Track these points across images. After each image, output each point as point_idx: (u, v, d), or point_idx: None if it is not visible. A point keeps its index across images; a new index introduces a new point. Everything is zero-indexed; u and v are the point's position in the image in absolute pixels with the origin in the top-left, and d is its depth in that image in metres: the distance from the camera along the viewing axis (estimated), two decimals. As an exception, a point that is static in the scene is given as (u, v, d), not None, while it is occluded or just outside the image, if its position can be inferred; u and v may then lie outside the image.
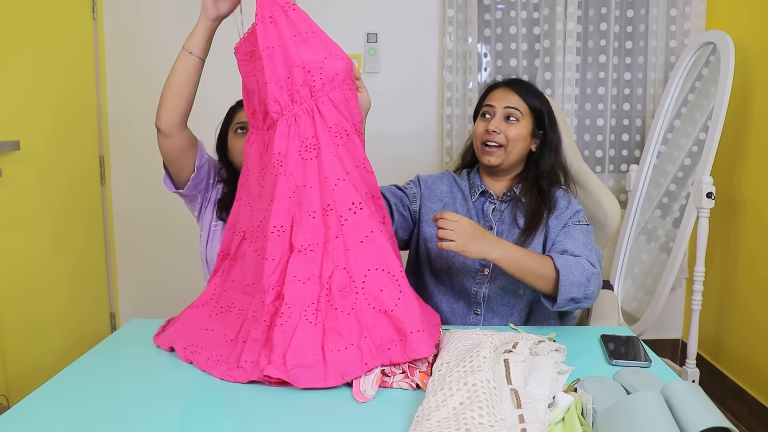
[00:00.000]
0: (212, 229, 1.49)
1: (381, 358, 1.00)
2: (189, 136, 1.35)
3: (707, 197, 2.05)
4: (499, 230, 1.42)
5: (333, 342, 1.01)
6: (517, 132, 1.40)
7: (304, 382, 0.96)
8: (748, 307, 2.18)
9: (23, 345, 1.90)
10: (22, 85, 1.91)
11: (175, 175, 1.41)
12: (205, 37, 1.24)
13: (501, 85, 1.46)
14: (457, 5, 2.38)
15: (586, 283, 1.23)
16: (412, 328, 1.02)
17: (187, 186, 1.41)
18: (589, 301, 1.25)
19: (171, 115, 1.28)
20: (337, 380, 0.97)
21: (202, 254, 1.51)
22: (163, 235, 2.50)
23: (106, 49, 2.40)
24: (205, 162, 1.43)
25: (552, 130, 1.45)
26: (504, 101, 1.42)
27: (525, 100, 1.42)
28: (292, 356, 0.98)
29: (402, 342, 1.01)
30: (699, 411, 0.74)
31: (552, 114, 1.47)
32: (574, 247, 1.30)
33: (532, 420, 0.76)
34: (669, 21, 2.42)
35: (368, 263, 1.07)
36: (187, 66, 1.24)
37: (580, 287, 1.22)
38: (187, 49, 1.24)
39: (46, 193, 2.04)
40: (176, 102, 1.27)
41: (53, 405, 0.91)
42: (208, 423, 0.87)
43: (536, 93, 1.45)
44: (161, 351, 1.13)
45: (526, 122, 1.41)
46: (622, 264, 2.41)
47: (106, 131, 2.44)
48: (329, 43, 1.14)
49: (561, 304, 1.23)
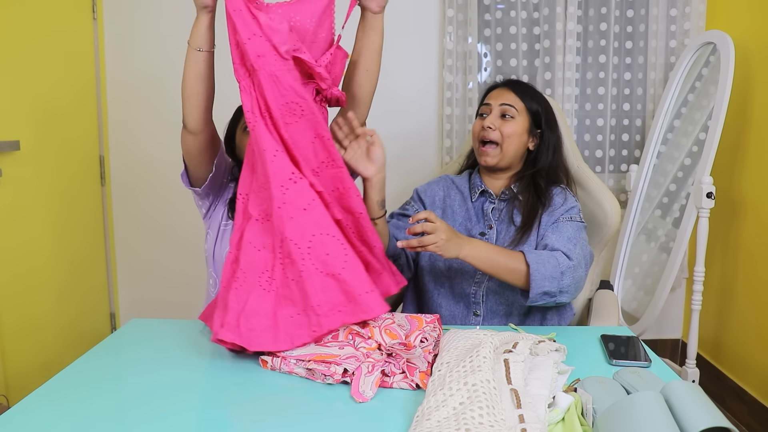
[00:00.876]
0: (222, 229, 1.48)
1: (331, 322, 1.03)
2: (213, 131, 1.35)
3: (707, 197, 2.05)
4: (498, 229, 1.42)
5: (285, 308, 1.05)
6: (512, 129, 1.41)
7: (256, 345, 1.01)
8: (748, 307, 2.18)
9: (23, 345, 1.90)
10: (22, 85, 1.91)
11: (193, 171, 1.40)
12: (209, 29, 1.21)
13: (499, 86, 1.49)
14: (457, 5, 2.38)
15: (560, 276, 1.24)
16: (360, 290, 1.05)
17: (205, 185, 1.41)
18: (565, 295, 1.26)
19: (193, 113, 1.27)
20: (287, 345, 1.01)
21: (209, 253, 1.50)
22: (163, 235, 2.50)
23: (106, 49, 2.40)
24: (223, 160, 1.43)
25: (550, 130, 1.47)
26: (500, 99, 1.44)
27: (521, 98, 1.44)
28: (245, 320, 1.03)
29: (352, 304, 1.05)
30: (699, 411, 0.74)
31: (551, 114, 1.48)
32: (556, 242, 1.31)
33: (532, 420, 0.76)
34: (669, 21, 2.42)
35: (312, 229, 1.09)
36: (197, 63, 1.22)
37: (553, 281, 1.23)
38: (193, 47, 1.21)
39: (46, 193, 2.04)
40: (196, 101, 1.26)
41: (53, 405, 0.91)
42: (208, 422, 0.87)
43: (533, 92, 1.47)
44: (162, 351, 1.13)
45: (521, 119, 1.43)
46: (622, 264, 2.41)
47: (106, 131, 2.44)
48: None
49: (534, 299, 1.25)
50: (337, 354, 1.01)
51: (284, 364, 1.03)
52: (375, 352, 1.01)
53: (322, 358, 1.00)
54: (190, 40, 1.21)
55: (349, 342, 1.04)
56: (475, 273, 1.41)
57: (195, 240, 2.42)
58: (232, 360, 1.09)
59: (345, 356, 1.00)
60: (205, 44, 1.21)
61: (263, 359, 1.05)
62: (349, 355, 1.01)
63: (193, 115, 1.27)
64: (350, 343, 1.04)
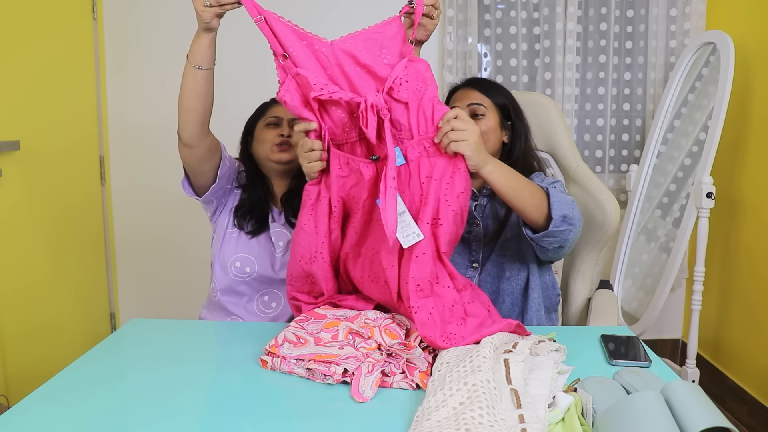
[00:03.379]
0: (227, 236, 1.47)
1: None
2: (211, 143, 1.32)
3: (707, 197, 2.05)
4: (485, 224, 1.43)
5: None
6: (486, 126, 1.41)
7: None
8: (748, 307, 2.18)
9: (23, 344, 1.90)
10: (22, 85, 1.91)
11: (194, 180, 1.39)
12: (210, 47, 1.17)
13: (461, 87, 1.48)
14: (457, 5, 2.38)
15: (571, 204, 1.24)
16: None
17: (206, 194, 1.40)
18: (576, 228, 1.24)
19: (188, 127, 1.25)
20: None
21: (214, 255, 1.50)
22: (163, 235, 2.50)
23: (106, 49, 2.40)
24: (227, 170, 1.41)
25: (519, 120, 1.47)
26: (467, 99, 1.43)
27: (486, 94, 1.44)
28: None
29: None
30: (699, 411, 0.74)
31: (516, 105, 1.48)
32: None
33: (532, 420, 0.76)
34: (669, 21, 2.42)
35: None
36: (196, 81, 1.18)
37: (570, 206, 1.23)
38: (192, 64, 1.17)
39: (46, 193, 2.04)
40: (192, 116, 1.23)
41: (53, 405, 0.91)
42: (208, 422, 0.87)
43: (496, 86, 1.47)
44: (162, 351, 1.13)
45: (492, 115, 1.42)
46: (622, 264, 2.41)
47: (106, 131, 2.44)
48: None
49: (556, 222, 1.19)
50: (337, 354, 1.01)
51: (284, 364, 1.03)
52: (375, 352, 1.01)
53: (322, 358, 1.00)
54: (189, 56, 1.17)
55: (349, 342, 1.04)
56: (467, 269, 1.41)
57: (195, 240, 2.42)
58: (232, 360, 1.09)
59: (345, 356, 1.00)
60: (205, 62, 1.17)
61: (263, 359, 1.05)
62: (349, 355, 1.00)
63: (188, 129, 1.26)
64: (350, 343, 1.03)
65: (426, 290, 1.06)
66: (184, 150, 1.30)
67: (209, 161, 1.35)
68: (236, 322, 1.46)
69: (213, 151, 1.35)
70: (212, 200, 1.45)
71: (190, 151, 1.30)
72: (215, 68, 1.22)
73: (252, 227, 1.46)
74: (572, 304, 1.58)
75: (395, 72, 1.09)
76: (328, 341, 1.05)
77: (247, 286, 1.47)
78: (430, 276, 1.06)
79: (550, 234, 1.22)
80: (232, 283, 1.46)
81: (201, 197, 1.42)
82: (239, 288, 1.47)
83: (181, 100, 1.22)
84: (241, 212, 1.46)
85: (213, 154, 1.35)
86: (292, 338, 1.07)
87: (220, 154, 1.38)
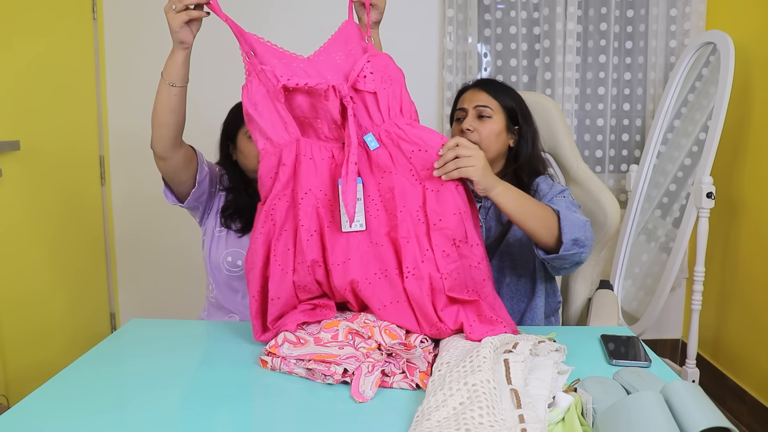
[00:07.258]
0: (216, 235, 1.48)
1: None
2: (185, 153, 1.33)
3: (707, 197, 2.05)
4: (488, 227, 1.42)
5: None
6: (490, 128, 1.40)
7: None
8: (748, 307, 2.18)
9: (23, 344, 1.90)
10: (22, 85, 1.91)
11: (175, 188, 1.40)
12: (184, 65, 1.18)
13: (470, 88, 1.48)
14: (457, 5, 2.38)
15: (584, 225, 1.22)
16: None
17: (188, 200, 1.41)
18: (588, 249, 1.22)
19: (162, 141, 1.26)
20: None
21: (206, 258, 1.50)
22: (163, 235, 2.50)
23: (106, 49, 2.40)
24: (206, 174, 1.41)
25: (526, 124, 1.46)
26: (474, 101, 1.43)
27: (494, 97, 1.43)
28: None
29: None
30: (699, 411, 0.74)
31: (525, 108, 1.47)
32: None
33: (532, 420, 0.76)
34: (669, 21, 2.42)
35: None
36: (170, 97, 1.20)
37: (581, 228, 1.20)
38: (167, 81, 1.18)
39: (46, 193, 2.04)
40: (165, 131, 1.24)
41: (53, 405, 0.91)
42: (208, 422, 0.87)
43: (505, 89, 1.46)
44: (162, 351, 1.13)
45: (498, 118, 1.42)
46: (622, 264, 2.41)
47: (106, 131, 2.44)
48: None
49: (566, 246, 1.18)
50: (337, 354, 1.01)
51: (284, 364, 1.03)
52: (375, 352, 1.01)
53: (322, 358, 1.00)
54: (163, 73, 1.19)
55: (349, 342, 1.04)
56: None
57: (195, 240, 2.41)
58: (232, 360, 1.09)
59: (345, 356, 1.00)
60: (179, 80, 1.18)
61: (263, 359, 1.05)
62: (349, 355, 1.00)
63: (162, 142, 1.26)
64: (350, 343, 1.04)
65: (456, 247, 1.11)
66: (160, 162, 1.31)
67: (186, 170, 1.36)
68: (236, 321, 1.46)
69: (188, 160, 1.35)
70: (197, 206, 1.46)
71: (165, 163, 1.31)
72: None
73: (239, 227, 1.48)
74: (572, 304, 1.58)
75: (358, 65, 1.12)
76: (328, 341, 1.05)
77: (240, 282, 1.48)
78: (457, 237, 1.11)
79: (560, 257, 1.21)
80: (226, 279, 1.48)
81: (184, 203, 1.42)
82: (233, 284, 1.49)
83: (154, 115, 1.23)
84: (227, 213, 1.47)
85: (189, 163, 1.36)
86: (292, 338, 1.07)
87: (197, 161, 1.39)
